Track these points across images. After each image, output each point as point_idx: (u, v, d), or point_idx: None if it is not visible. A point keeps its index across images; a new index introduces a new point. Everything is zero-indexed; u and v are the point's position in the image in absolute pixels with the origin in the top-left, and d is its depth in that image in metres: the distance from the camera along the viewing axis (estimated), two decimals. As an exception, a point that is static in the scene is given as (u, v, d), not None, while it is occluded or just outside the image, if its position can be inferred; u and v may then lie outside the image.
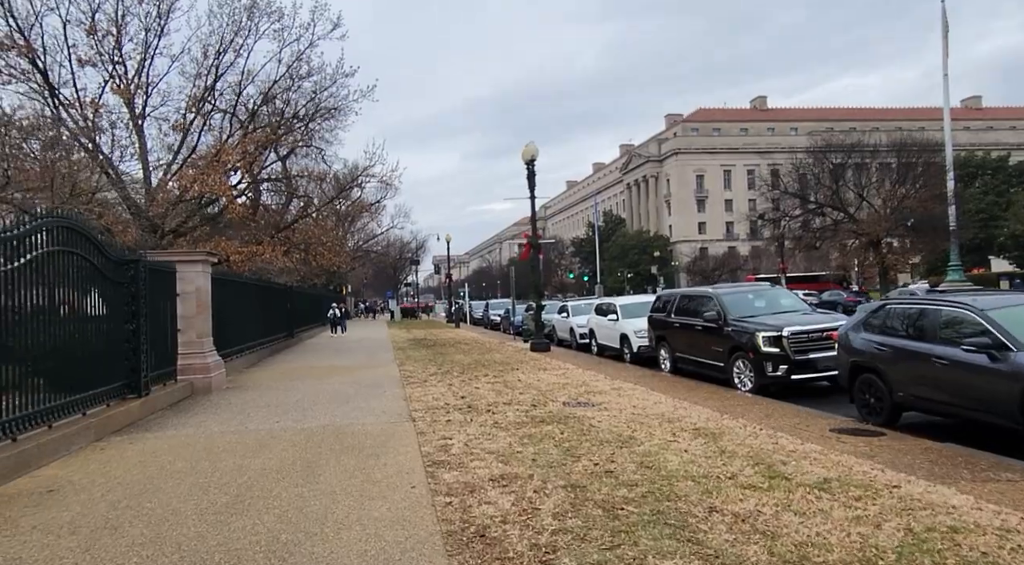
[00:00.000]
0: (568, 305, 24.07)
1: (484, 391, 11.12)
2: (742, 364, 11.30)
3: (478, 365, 15.69)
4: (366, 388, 11.94)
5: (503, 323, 35.17)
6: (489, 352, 19.67)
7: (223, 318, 14.99)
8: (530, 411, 8.99)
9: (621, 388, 11.18)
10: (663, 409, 8.99)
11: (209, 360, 12.11)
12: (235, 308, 16.41)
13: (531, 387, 11.45)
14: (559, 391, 10.90)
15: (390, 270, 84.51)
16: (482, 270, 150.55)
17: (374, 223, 71.21)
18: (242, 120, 22.72)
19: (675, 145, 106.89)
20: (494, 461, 6.22)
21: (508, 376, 13.26)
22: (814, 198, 44.34)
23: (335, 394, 11.24)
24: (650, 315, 15.34)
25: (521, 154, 20.87)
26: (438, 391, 11.28)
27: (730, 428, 7.61)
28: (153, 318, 10.59)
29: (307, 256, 24.17)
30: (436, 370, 14.71)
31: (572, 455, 6.35)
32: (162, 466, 6.42)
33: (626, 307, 17.91)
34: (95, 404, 8.27)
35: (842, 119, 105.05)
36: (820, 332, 10.61)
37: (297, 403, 10.33)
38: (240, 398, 11.10)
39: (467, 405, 9.66)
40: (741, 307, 12.14)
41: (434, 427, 8.00)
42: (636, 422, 8.01)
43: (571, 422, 8.08)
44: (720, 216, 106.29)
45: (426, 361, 16.94)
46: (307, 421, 8.72)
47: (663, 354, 14.51)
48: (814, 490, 5.05)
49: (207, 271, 12.62)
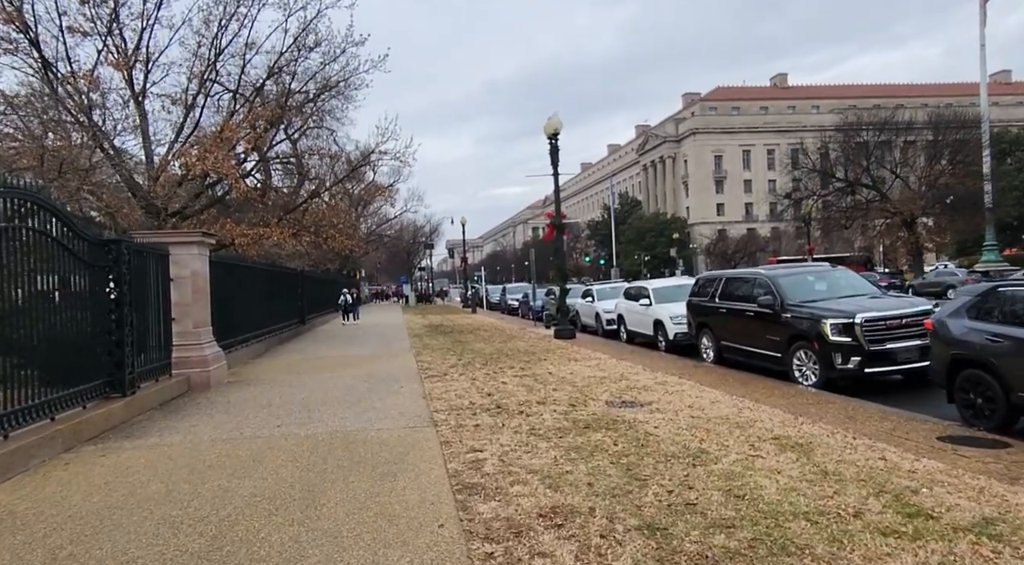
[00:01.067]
0: (593, 289, 22.75)
1: (513, 387, 9.89)
2: (804, 355, 9.97)
3: (501, 355, 14.47)
4: (380, 383, 10.75)
5: (522, 308, 33.92)
6: (511, 340, 18.44)
7: (226, 305, 13.87)
8: (570, 413, 7.74)
9: (666, 383, 9.91)
10: (725, 410, 7.71)
11: (207, 352, 10.97)
12: (240, 294, 15.28)
13: (565, 382, 10.20)
14: (597, 387, 9.64)
15: (404, 255, 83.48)
16: (496, 254, 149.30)
17: (388, 206, 70.22)
18: (247, 96, 21.48)
19: (693, 125, 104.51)
20: (539, 485, 4.98)
21: (536, 368, 12.02)
22: (845, 176, 42.49)
23: (346, 391, 10.06)
24: (689, 300, 14.01)
25: (543, 128, 19.50)
26: (461, 387, 10.07)
27: (816, 437, 6.32)
28: (141, 306, 9.44)
29: (318, 239, 22.97)
30: (456, 361, 13.50)
31: (636, 477, 5.10)
32: (132, 489, 5.25)
33: (659, 291, 16.59)
34: (68, 406, 7.13)
35: (865, 96, 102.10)
36: (899, 319, 9.25)
37: (303, 402, 9.15)
38: (240, 395, 9.94)
39: (495, 405, 8.43)
40: (800, 290, 10.78)
41: (460, 434, 6.78)
42: (700, 428, 6.74)
43: (622, 428, 6.83)
44: (739, 197, 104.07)
45: (444, 351, 15.74)
46: (312, 425, 7.54)
47: (705, 342, 13.20)
48: (981, 538, 3.77)
49: (204, 254, 11.45)
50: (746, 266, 77.13)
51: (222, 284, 13.59)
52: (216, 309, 12.67)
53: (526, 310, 32.33)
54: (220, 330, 12.97)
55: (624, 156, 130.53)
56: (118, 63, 18.51)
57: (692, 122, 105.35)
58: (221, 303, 13.35)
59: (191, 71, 20.05)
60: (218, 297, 13.06)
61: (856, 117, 43.80)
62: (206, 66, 20.45)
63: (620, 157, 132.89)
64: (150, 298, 9.88)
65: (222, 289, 13.53)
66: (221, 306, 13.31)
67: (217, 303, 12.86)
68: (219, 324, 12.91)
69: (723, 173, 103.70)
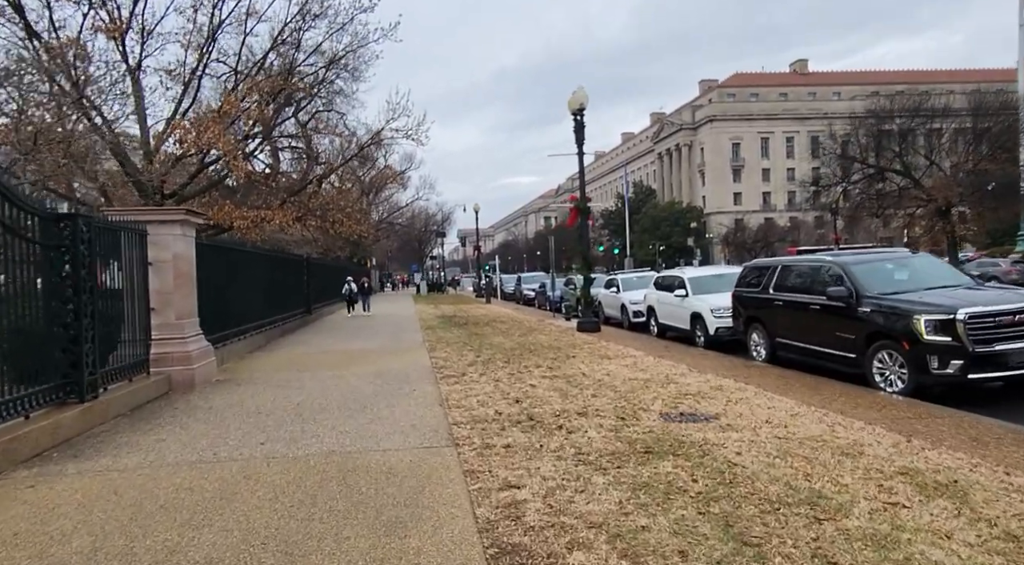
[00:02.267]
0: (618, 278, 21.22)
1: (543, 391, 8.44)
2: (887, 357, 8.44)
3: (524, 351, 13.02)
4: (389, 384, 9.34)
5: (538, 298, 32.48)
6: (531, 333, 16.99)
7: (220, 294, 12.51)
8: (620, 429, 6.29)
9: (723, 388, 8.42)
10: (812, 427, 6.22)
11: (192, 347, 9.57)
12: (237, 282, 13.91)
13: (603, 385, 8.74)
14: (643, 392, 8.17)
15: (415, 243, 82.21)
16: (508, 243, 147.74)
17: (399, 194, 68.96)
18: (249, 72, 20.07)
19: (710, 112, 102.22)
20: (609, 551, 3.53)
21: (566, 367, 10.56)
22: (876, 162, 40.57)
23: (349, 393, 8.65)
24: (735, 291, 12.50)
25: (568, 103, 17.97)
26: (483, 390, 8.63)
27: (956, 471, 4.82)
28: (112, 294, 8.08)
29: (325, 224, 21.57)
30: (475, 358, 12.06)
31: (744, 540, 3.63)
32: (44, 548, 3.84)
33: (696, 281, 15.06)
34: (3, 416, 5.76)
35: (888, 83, 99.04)
36: (1011, 315, 7.70)
37: (298, 409, 7.74)
38: (226, 399, 8.55)
39: (527, 416, 6.99)
40: (879, 280, 9.23)
41: (488, 460, 5.34)
42: (795, 455, 5.27)
43: (694, 454, 5.36)
44: (756, 186, 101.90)
45: (461, 345, 14.32)
46: (304, 443, 6.12)
47: (755, 339, 11.70)
48: None
49: (190, 235, 10.04)
50: (766, 256, 75.31)
51: (214, 270, 12.22)
52: (207, 298, 11.30)
53: (543, 300, 30.90)
54: (213, 321, 11.62)
55: (638, 144, 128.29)
56: (109, 30, 17.13)
57: (709, 109, 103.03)
58: (214, 292, 11.99)
59: (188, 42, 18.66)
60: (210, 285, 11.69)
61: (889, 102, 41.73)
62: (206, 38, 19.08)
63: (634, 145, 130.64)
64: (124, 285, 8.51)
65: (214, 276, 12.16)
66: (213, 295, 11.95)
67: (209, 292, 11.49)
68: (211, 315, 11.55)
69: (740, 161, 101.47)
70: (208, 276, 11.67)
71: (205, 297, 11.15)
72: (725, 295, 13.86)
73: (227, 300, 13.00)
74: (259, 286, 16.03)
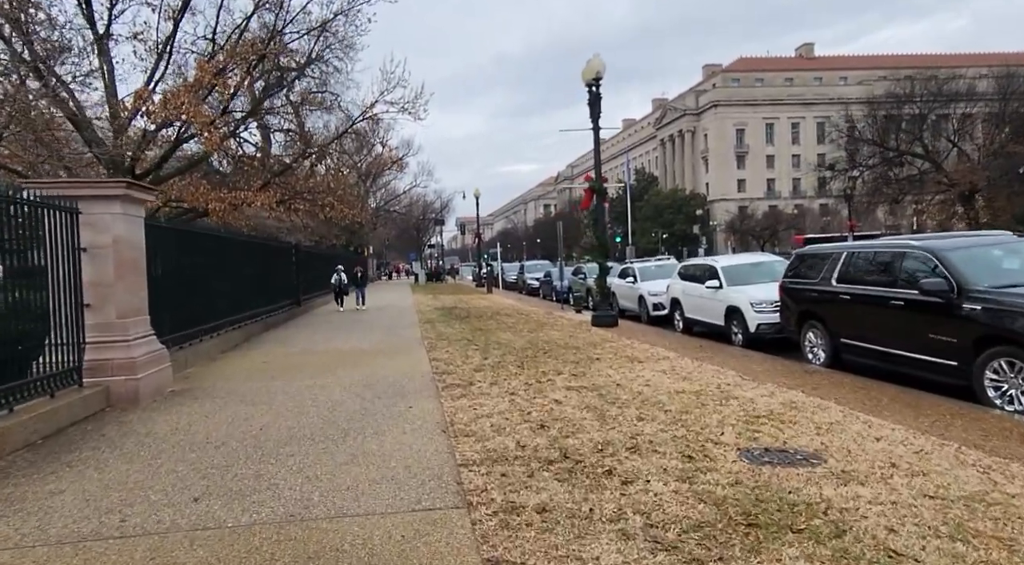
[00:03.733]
0: (634, 267, 19.44)
1: (572, 409, 6.70)
2: (1006, 367, 6.71)
3: (537, 350, 11.28)
4: (381, 398, 7.59)
5: (543, 288, 30.72)
6: (542, 328, 15.25)
7: (185, 285, 10.77)
8: (693, 476, 4.54)
9: (797, 405, 6.69)
10: (967, 479, 4.46)
11: (138, 352, 7.79)
12: (208, 271, 12.16)
13: (646, 401, 6.99)
14: (700, 412, 6.43)
15: (413, 231, 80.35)
16: (507, 231, 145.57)
17: (396, 180, 67.13)
18: (228, 37, 18.18)
19: (714, 97, 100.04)
20: None
21: (592, 373, 8.82)
22: (896, 146, 38.73)
23: (329, 414, 6.89)
24: (785, 282, 10.76)
25: (582, 73, 16.14)
26: (496, 407, 6.88)
27: None
28: (27, 286, 6.33)
29: (315, 208, 19.73)
30: (481, 360, 10.31)
31: None
32: None
33: (731, 270, 13.30)
34: None
35: (896, 67, 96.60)
36: None
37: (258, 438, 5.98)
38: (172, 421, 6.79)
39: (559, 451, 5.24)
40: (985, 271, 7.46)
41: (518, 540, 3.60)
42: (981, 534, 3.52)
43: (823, 530, 3.61)
44: (761, 173, 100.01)
45: (464, 343, 12.57)
46: (255, 500, 4.37)
47: (811, 339, 9.96)
48: None
49: (135, 215, 8.23)
50: (771, 245, 73.44)
51: (177, 258, 10.46)
52: (166, 291, 9.57)
53: (548, 291, 29.14)
54: (174, 318, 9.89)
55: (640, 130, 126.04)
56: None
57: (713, 94, 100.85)
58: (176, 283, 10.24)
59: (160, 2, 16.76)
60: (171, 275, 9.96)
61: (909, 83, 39.79)
62: (181, 2, 17.19)
63: (636, 132, 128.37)
64: (45, 274, 6.74)
65: (177, 265, 10.40)
66: (176, 287, 10.21)
67: (168, 283, 9.76)
68: (172, 310, 9.83)
69: (745, 148, 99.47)
70: (168, 265, 9.92)
71: (163, 290, 9.41)
72: (767, 287, 12.16)
73: (194, 293, 11.24)
74: (237, 276, 14.26)
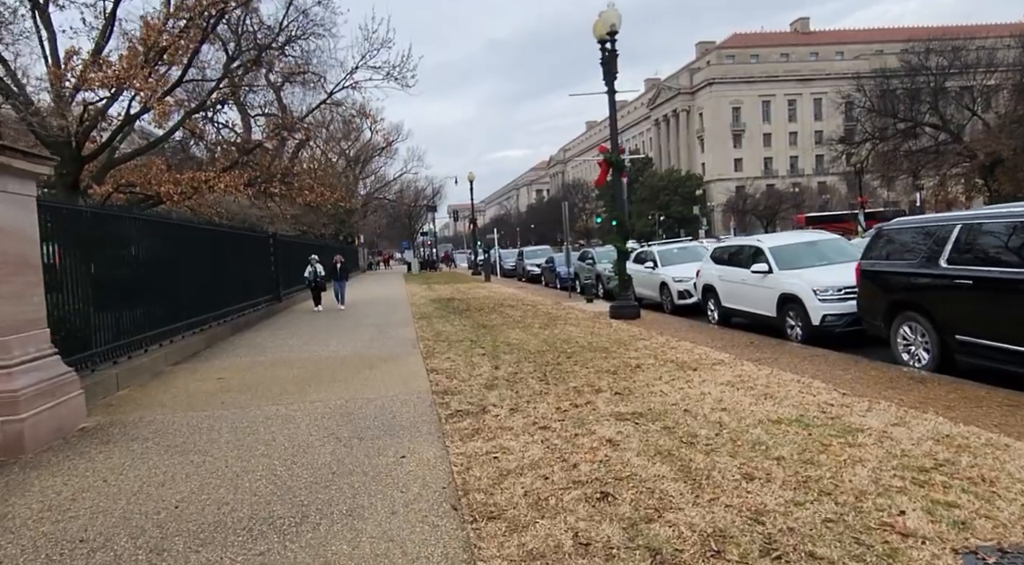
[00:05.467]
0: (654, 251, 17.30)
1: (638, 458, 4.59)
2: None
3: (559, 353, 9.19)
4: (361, 440, 5.47)
5: (545, 275, 28.61)
6: (555, 322, 13.17)
7: (119, 284, 8.61)
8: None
9: (969, 446, 4.64)
10: None
11: (21, 383, 5.61)
12: (154, 266, 10.00)
13: (740, 440, 4.89)
14: (835, 465, 4.34)
15: (405, 219, 77.98)
16: (500, 218, 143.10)
17: (387, 168, 64.88)
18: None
19: (709, 74, 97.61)
20: None
21: (641, 389, 6.72)
22: (912, 116, 36.65)
23: (281, 473, 4.76)
24: (866, 264, 8.69)
25: (593, 28, 13.99)
26: (526, 455, 4.78)
27: None
28: None
29: (291, 192, 17.48)
30: (492, 370, 8.21)
31: None
32: None
33: (782, 251, 11.21)
34: None
35: (893, 40, 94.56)
36: None
37: (160, 532, 3.83)
38: (44, 495, 4.61)
39: (652, 560, 3.16)
40: None
41: None
42: None
43: None
44: (758, 151, 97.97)
45: (468, 346, 10.45)
46: None
47: (906, 335, 7.91)
48: None
49: (22, 193, 6.02)
50: (771, 225, 71.45)
51: (106, 250, 8.30)
52: (91, 292, 7.42)
53: (551, 278, 27.05)
54: (104, 326, 7.78)
55: (633, 111, 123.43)
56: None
57: (708, 72, 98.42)
58: (105, 282, 8.09)
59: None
60: (97, 272, 7.80)
61: (925, 49, 37.59)
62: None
63: (629, 113, 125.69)
64: None
65: (106, 258, 8.25)
66: (105, 287, 8.06)
67: (92, 282, 7.61)
68: (100, 317, 7.69)
69: (741, 126, 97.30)
70: (91, 259, 7.76)
71: (83, 292, 7.27)
72: (832, 270, 10.17)
73: (133, 293, 9.07)
74: (196, 271, 12.09)
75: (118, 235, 8.95)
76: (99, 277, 8.02)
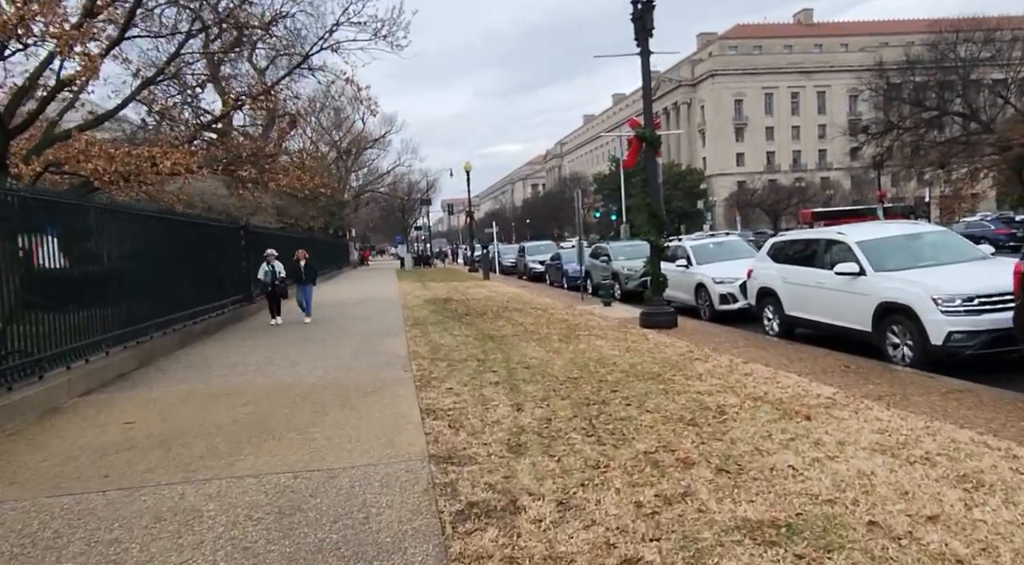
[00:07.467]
0: (687, 246, 14.84)
1: None
2: None
3: (599, 383, 6.76)
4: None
5: (550, 273, 26.11)
6: (576, 333, 10.76)
7: (11, 285, 6.12)
8: None
9: None
10: None
11: None
12: (71, 261, 7.51)
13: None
14: None
15: (398, 213, 75.38)
16: (495, 212, 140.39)
17: (380, 160, 62.51)
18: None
19: (711, 66, 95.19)
20: None
21: (754, 462, 4.31)
22: (938, 105, 34.35)
23: None
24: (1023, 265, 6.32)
25: (622, -24, 11.48)
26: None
27: None
28: None
29: (263, 177, 14.95)
30: (514, 415, 5.75)
31: None
32: None
33: (875, 247, 8.78)
34: None
35: (899, 32, 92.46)
36: None
37: None
38: None
39: None
40: None
41: None
42: None
43: None
44: (760, 145, 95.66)
45: (475, 369, 8.00)
46: None
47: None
48: None
49: None
50: (782, 222, 69.20)
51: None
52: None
53: (557, 276, 24.56)
54: (36, 330, 5.28)
55: (632, 105, 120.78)
56: None
57: (710, 63, 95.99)
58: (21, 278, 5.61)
59: None
60: None
61: (954, 37, 35.23)
62: None
63: (627, 106, 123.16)
64: None
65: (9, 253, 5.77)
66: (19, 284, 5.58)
67: None
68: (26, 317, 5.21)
69: (743, 119, 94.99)
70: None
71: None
72: (955, 272, 7.77)
73: (27, 298, 6.58)
74: (131, 268, 9.59)
75: (54, 226, 6.49)
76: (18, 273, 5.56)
